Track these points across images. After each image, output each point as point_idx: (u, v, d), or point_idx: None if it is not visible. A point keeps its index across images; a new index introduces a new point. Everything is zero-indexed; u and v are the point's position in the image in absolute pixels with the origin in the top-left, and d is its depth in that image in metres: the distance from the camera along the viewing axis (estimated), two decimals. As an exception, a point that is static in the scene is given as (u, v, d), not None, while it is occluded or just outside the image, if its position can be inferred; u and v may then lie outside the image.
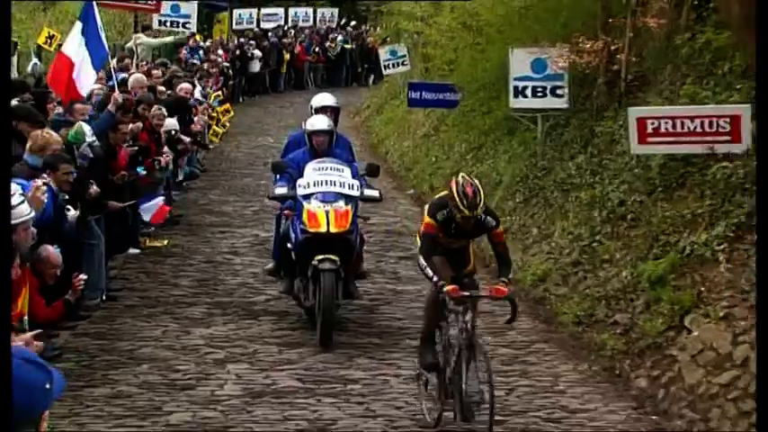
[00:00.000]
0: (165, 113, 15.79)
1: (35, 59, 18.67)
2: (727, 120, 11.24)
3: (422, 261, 8.62)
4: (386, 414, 9.09)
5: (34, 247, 9.07)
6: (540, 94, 15.79)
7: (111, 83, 15.44)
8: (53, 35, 19.99)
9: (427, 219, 8.82)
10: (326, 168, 11.30)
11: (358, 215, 11.56)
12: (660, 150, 11.93)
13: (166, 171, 15.92)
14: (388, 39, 29.29)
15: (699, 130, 11.41)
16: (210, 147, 23.01)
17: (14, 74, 16.49)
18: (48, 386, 3.16)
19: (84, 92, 13.62)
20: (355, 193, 11.28)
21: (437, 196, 9.21)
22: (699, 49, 13.14)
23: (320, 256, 10.75)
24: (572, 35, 15.55)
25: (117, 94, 13.44)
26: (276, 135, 27.07)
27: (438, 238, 8.81)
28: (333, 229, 10.89)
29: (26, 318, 7.96)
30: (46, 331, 9.92)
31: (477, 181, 8.89)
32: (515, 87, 15.95)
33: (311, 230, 10.87)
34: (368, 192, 11.60)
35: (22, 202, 8.09)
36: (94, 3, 14.65)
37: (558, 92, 15.66)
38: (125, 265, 13.73)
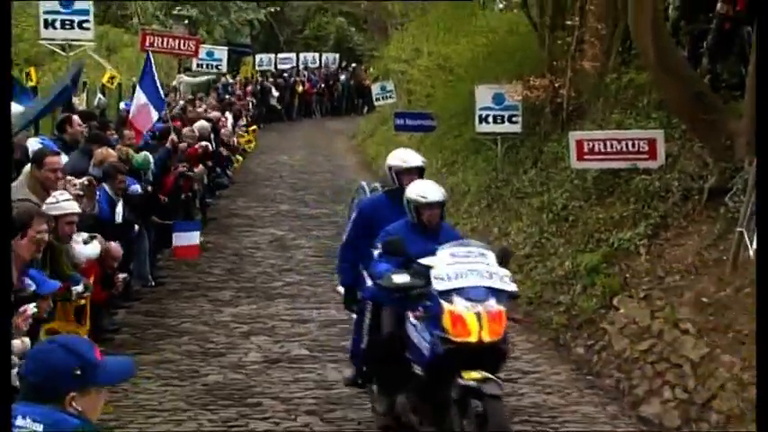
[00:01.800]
0: (197, 134, 15.84)
1: (100, 95, 18.65)
2: (646, 142, 11.25)
3: None
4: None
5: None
6: (499, 121, 15.74)
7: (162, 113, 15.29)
8: (114, 76, 19.99)
9: None
10: (468, 254, 6.71)
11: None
12: (594, 166, 11.94)
13: (202, 179, 15.99)
14: (379, 77, 29.30)
15: (624, 149, 11.41)
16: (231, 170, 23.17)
17: (84, 106, 16.48)
18: (78, 372, 3.02)
19: (144, 129, 13.46)
20: (511, 287, 6.75)
21: None
22: (624, 86, 13.17)
23: (476, 375, 6.21)
24: (525, 74, 15.57)
25: (175, 138, 13.38)
26: (290, 153, 27.11)
27: None
28: (487, 338, 6.35)
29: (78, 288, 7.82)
30: (108, 310, 10.00)
31: None
32: (480, 116, 15.90)
33: (458, 340, 6.32)
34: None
35: (68, 199, 7.98)
36: (150, 55, 14.58)
37: (514, 119, 15.62)
38: (170, 258, 13.71)
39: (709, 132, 10.16)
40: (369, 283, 7.31)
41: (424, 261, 6.67)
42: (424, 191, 7.15)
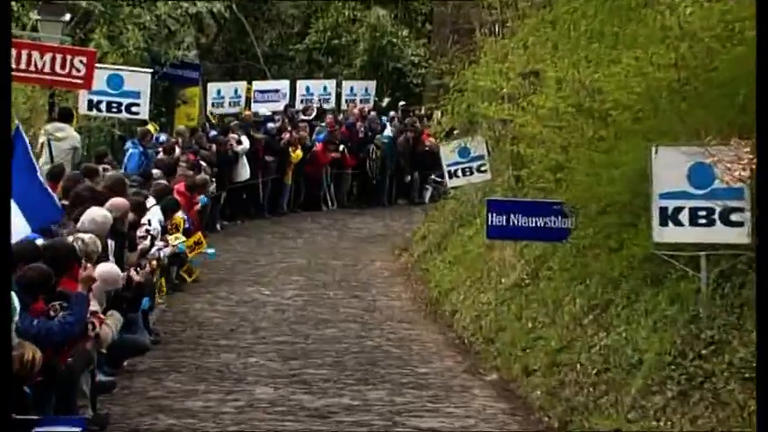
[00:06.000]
0: (88, 244, 15.90)
1: None
2: None
3: None
4: None
5: None
6: (703, 222, 15.73)
7: None
8: None
9: None
10: None
11: None
12: None
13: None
14: (455, 129, 29.35)
15: None
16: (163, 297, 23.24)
17: None
18: None
19: None
20: None
21: None
22: None
23: None
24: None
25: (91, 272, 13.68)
26: (275, 282, 27.10)
27: None
28: None
29: None
30: None
31: None
32: (663, 209, 15.96)
33: None
34: None
35: None
36: (20, 128, 14.98)
37: (734, 218, 15.55)
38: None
39: None
40: None
41: None
42: None
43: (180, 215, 25.23)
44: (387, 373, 19.95)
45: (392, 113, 40.99)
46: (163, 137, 30.65)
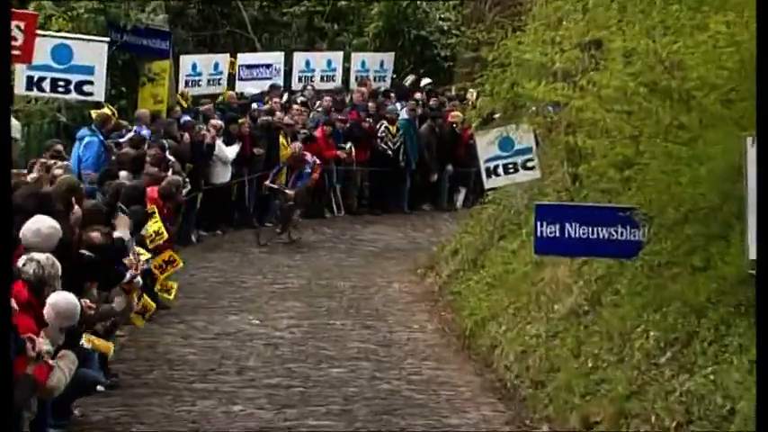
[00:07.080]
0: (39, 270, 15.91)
1: None
2: None
3: None
4: None
5: None
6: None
7: None
8: None
9: None
10: None
11: None
12: None
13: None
14: (495, 114, 29.29)
15: None
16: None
17: None
18: None
19: None
20: None
21: None
22: None
23: None
24: None
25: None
26: (266, 310, 26.96)
27: None
28: None
29: None
30: None
31: None
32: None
33: None
34: None
35: None
36: None
37: None
38: None
39: None
40: None
41: None
42: None
43: (159, 224, 25.22)
44: (407, 424, 19.94)
45: (417, 95, 40.80)
46: (144, 131, 30.56)
